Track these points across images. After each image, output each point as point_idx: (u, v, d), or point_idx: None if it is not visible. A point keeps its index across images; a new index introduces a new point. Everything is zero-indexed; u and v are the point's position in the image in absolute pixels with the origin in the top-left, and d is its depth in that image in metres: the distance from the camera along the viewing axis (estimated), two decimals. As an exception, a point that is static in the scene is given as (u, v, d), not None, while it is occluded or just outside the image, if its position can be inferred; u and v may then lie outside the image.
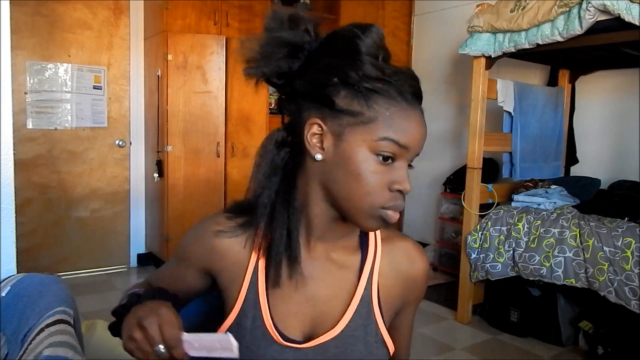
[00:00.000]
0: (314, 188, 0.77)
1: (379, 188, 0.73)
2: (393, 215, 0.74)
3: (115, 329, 0.75)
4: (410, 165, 0.75)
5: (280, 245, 0.77)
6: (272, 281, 0.79)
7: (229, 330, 0.81)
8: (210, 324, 0.91)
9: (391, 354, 0.85)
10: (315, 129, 0.74)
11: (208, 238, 0.84)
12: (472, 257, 2.97)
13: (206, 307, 1.00)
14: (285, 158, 0.79)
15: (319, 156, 0.74)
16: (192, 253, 0.86)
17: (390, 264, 0.85)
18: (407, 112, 0.72)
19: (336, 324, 0.79)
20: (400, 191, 0.74)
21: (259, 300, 0.80)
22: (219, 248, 0.83)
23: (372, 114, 0.71)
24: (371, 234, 0.86)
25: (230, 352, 0.66)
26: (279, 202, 0.77)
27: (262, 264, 0.81)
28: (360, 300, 0.81)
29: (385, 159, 0.72)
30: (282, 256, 0.77)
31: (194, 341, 0.68)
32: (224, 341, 0.67)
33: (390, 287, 0.85)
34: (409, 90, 0.73)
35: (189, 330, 0.69)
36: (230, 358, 0.67)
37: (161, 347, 0.66)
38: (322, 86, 0.73)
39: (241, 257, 0.82)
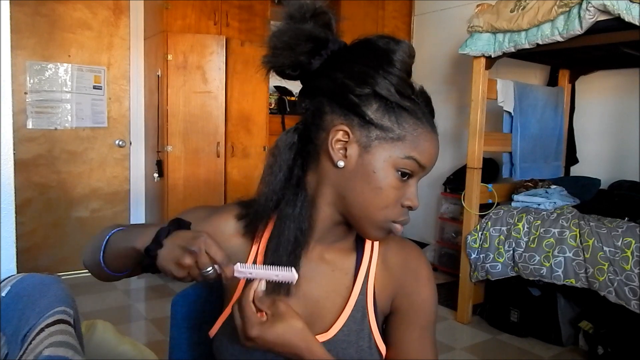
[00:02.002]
0: (324, 192, 0.77)
1: (394, 203, 0.75)
2: (399, 228, 0.77)
3: (148, 266, 0.72)
4: None
5: (283, 246, 0.77)
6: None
7: (225, 322, 0.82)
8: (210, 307, 0.92)
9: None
10: (340, 135, 0.74)
11: (217, 222, 0.84)
12: (472, 257, 2.97)
13: (206, 292, 1.00)
14: (297, 159, 0.78)
15: (341, 163, 0.74)
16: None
17: (384, 264, 0.85)
18: (430, 135, 0.75)
19: (329, 328, 0.79)
20: (409, 207, 0.76)
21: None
22: (224, 236, 0.83)
23: (401, 132, 0.73)
24: None
25: (288, 280, 0.70)
26: (286, 204, 0.77)
27: (260, 259, 0.82)
28: (355, 305, 0.81)
29: (404, 175, 0.74)
30: (284, 256, 0.77)
31: (247, 271, 0.70)
32: (283, 275, 0.70)
33: (384, 289, 0.84)
34: (429, 111, 0.76)
35: (184, 313, 0.69)
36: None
37: (210, 269, 0.68)
38: (353, 94, 0.72)
39: (242, 251, 0.83)
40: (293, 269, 0.69)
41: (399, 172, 0.74)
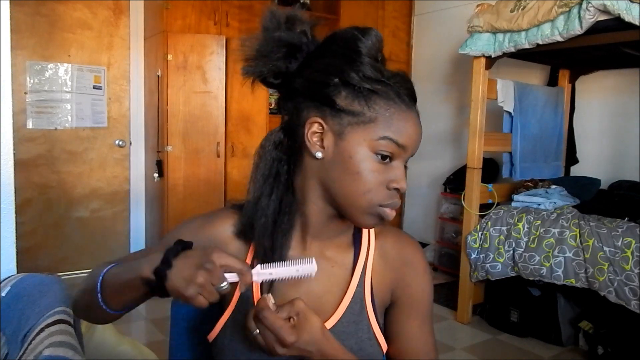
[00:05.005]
0: (312, 186, 0.79)
1: (377, 186, 0.75)
2: (390, 213, 0.77)
3: (156, 288, 0.69)
4: (405, 166, 0.78)
5: (274, 247, 0.78)
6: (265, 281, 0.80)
7: (225, 325, 0.82)
8: (206, 317, 0.92)
9: (384, 352, 0.85)
10: (315, 127, 0.76)
11: (213, 230, 0.84)
12: (472, 257, 2.97)
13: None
14: (283, 158, 0.80)
15: (319, 154, 0.76)
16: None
17: (382, 258, 0.86)
18: (405, 114, 0.75)
19: (327, 320, 0.80)
20: (397, 189, 0.76)
21: (253, 297, 0.81)
22: (222, 242, 0.84)
23: (373, 114, 0.73)
24: (364, 231, 0.87)
25: (309, 273, 0.70)
26: (276, 204, 0.79)
27: (257, 262, 0.82)
28: (352, 297, 0.82)
29: (384, 157, 0.74)
30: (274, 257, 0.78)
31: (266, 271, 0.70)
32: (302, 266, 0.69)
33: (382, 282, 0.86)
34: (405, 92, 0.76)
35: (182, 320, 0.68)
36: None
37: (225, 283, 0.66)
38: (323, 86, 0.74)
39: (241, 252, 0.84)
40: (313, 259, 0.70)
41: (378, 155, 0.74)
